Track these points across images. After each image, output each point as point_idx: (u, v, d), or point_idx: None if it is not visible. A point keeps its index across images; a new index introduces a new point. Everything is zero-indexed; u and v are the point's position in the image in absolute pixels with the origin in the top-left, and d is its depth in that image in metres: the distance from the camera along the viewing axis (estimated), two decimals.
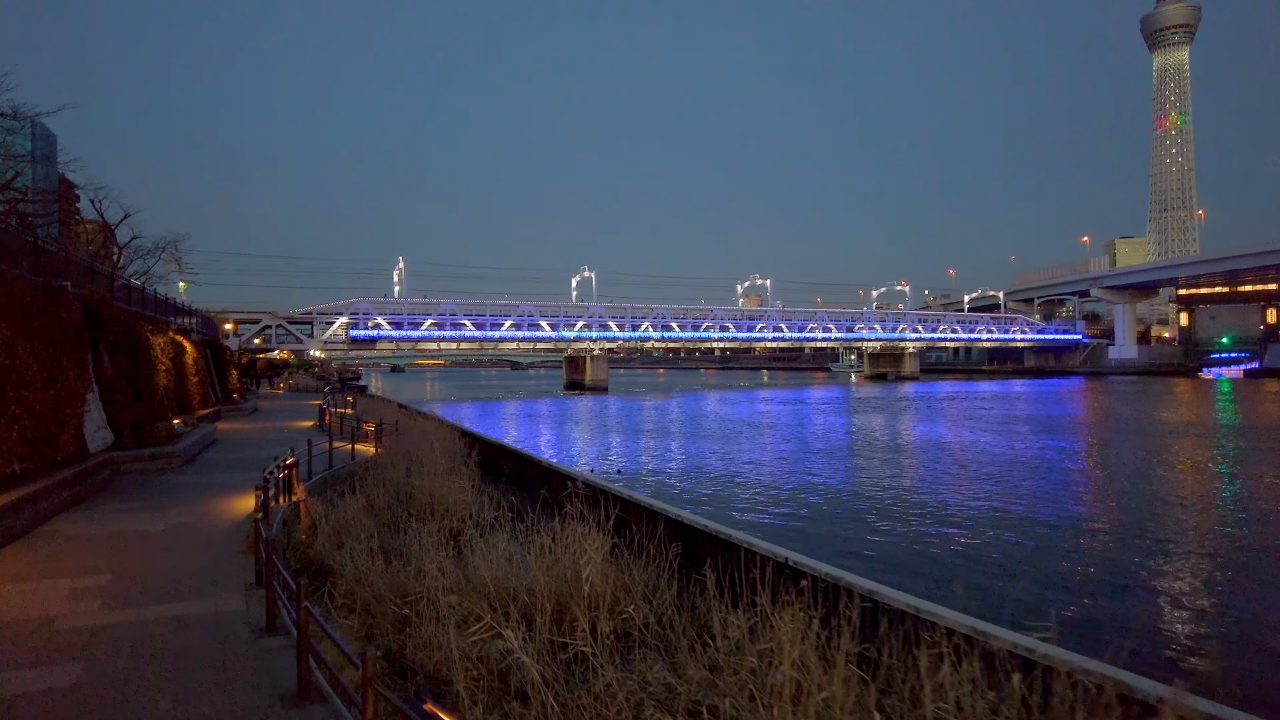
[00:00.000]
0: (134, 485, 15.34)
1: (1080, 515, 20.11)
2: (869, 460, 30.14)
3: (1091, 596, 13.36)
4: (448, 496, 14.57)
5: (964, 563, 15.19)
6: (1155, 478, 25.77)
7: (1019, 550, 16.39)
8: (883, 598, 7.07)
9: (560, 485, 13.73)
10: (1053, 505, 21.11)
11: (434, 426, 21.87)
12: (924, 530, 18.03)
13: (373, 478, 16.99)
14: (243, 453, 21.04)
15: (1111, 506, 21.21)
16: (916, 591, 7.89)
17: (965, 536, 17.47)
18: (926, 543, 16.91)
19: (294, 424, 31.15)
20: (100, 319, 17.99)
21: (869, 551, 16.06)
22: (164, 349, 23.62)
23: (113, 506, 13.04)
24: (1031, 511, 20.20)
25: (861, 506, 20.85)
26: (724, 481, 25.04)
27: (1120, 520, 19.21)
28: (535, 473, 16.99)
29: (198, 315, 42.19)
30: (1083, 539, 17.47)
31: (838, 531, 17.84)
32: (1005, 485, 24.12)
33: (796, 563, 8.27)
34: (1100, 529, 18.46)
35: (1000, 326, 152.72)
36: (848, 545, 16.52)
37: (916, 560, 15.40)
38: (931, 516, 19.53)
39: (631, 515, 11.60)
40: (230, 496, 14.24)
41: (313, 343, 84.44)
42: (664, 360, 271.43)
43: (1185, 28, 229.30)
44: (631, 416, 57.68)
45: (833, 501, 21.62)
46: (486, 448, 18.53)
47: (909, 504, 21.11)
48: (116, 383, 17.97)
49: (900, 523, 18.78)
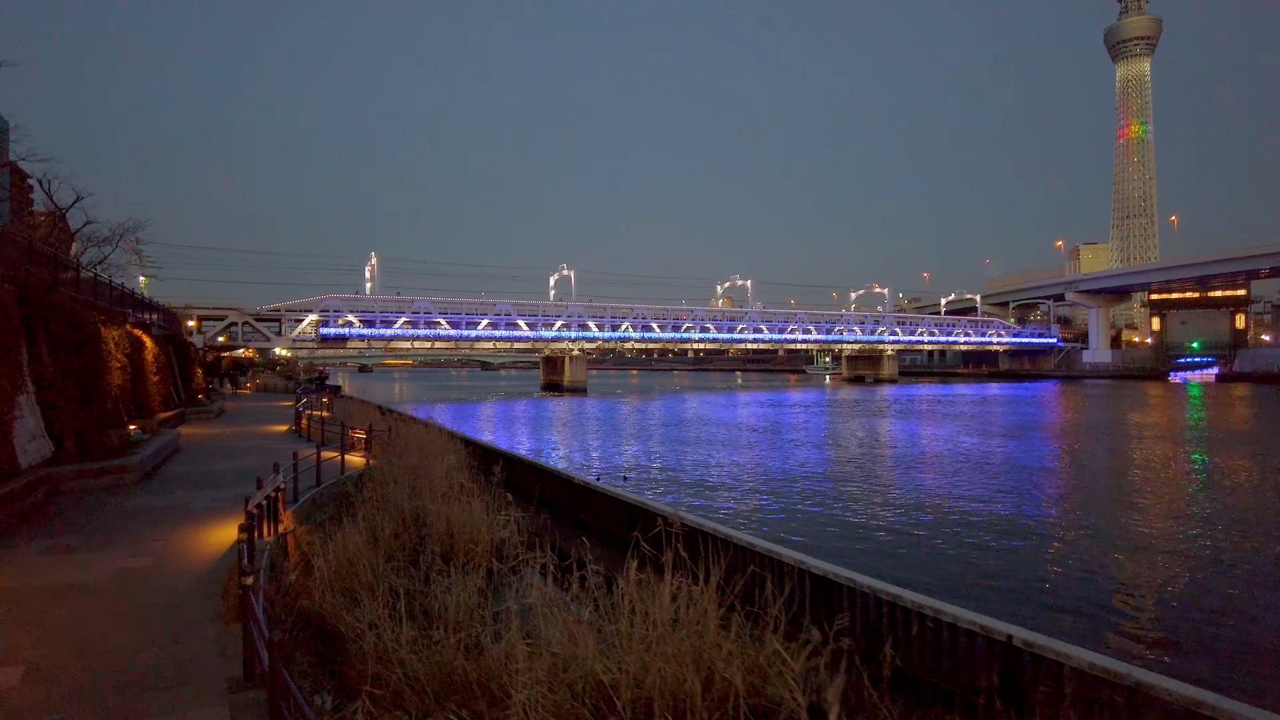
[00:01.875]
0: (76, 510, 12.42)
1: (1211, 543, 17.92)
2: (920, 473, 27.57)
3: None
4: (468, 525, 11.90)
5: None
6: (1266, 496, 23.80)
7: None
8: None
9: (635, 522, 11.10)
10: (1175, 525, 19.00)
11: (436, 435, 19.09)
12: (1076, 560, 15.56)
13: (370, 498, 14.26)
14: (211, 464, 18.10)
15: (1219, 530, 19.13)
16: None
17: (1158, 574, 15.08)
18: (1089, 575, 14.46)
19: (266, 428, 28.12)
20: (40, 306, 15.03)
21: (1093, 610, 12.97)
22: (119, 344, 20.57)
23: (42, 543, 10.14)
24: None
25: (982, 536, 17.64)
26: (772, 499, 22.27)
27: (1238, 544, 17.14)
28: (599, 506, 13.52)
29: (159, 309, 38.76)
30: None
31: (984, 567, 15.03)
32: (1097, 506, 21.95)
33: (1039, 647, 5.78)
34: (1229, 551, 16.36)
35: (977, 330, 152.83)
36: (1026, 591, 13.65)
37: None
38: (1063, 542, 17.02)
39: (747, 564, 8.95)
40: (199, 525, 11.44)
41: (281, 341, 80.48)
42: (636, 361, 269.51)
43: (1146, 39, 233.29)
44: (621, 420, 55.11)
45: (940, 530, 18.31)
46: (513, 464, 15.83)
47: (1020, 529, 18.44)
48: (58, 382, 15.01)
49: (1050, 557, 16.04)
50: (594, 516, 13.76)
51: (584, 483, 13.53)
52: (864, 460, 30.84)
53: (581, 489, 13.70)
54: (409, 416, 24.66)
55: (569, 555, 11.60)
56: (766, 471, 27.71)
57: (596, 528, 13.11)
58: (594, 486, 13.08)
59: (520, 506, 13.32)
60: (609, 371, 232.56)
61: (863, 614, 7.41)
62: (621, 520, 12.39)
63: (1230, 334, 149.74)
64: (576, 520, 13.94)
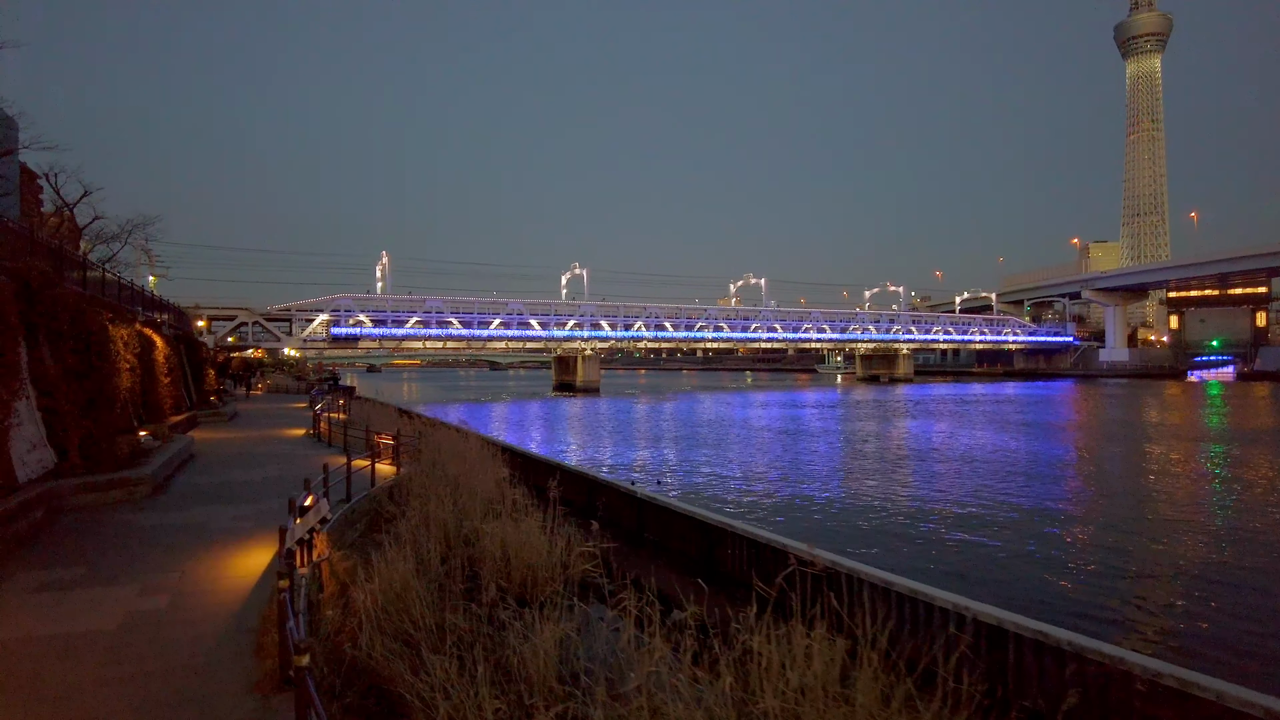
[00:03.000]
0: (80, 531, 10.97)
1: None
2: (1000, 483, 25.70)
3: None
4: (527, 549, 10.39)
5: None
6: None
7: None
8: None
9: (713, 545, 9.55)
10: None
11: (473, 443, 17.59)
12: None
13: (408, 514, 12.78)
14: (228, 474, 16.63)
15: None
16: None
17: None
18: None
19: (282, 432, 26.68)
20: (41, 301, 13.59)
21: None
22: (128, 343, 19.14)
23: (39, 575, 8.67)
24: None
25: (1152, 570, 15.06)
26: (840, 511, 20.28)
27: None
28: (676, 528, 11.68)
29: (170, 308, 37.41)
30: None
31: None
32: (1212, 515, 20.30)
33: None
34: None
35: (993, 328, 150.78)
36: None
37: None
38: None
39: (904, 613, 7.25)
40: (220, 550, 9.97)
41: (291, 341, 79.23)
42: (644, 361, 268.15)
43: (1157, 36, 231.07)
44: (642, 421, 53.57)
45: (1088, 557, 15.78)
46: (570, 479, 14.26)
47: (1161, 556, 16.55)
48: (62, 386, 13.56)
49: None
50: (657, 534, 12.23)
51: (667, 504, 11.86)
52: (922, 467, 29.18)
53: (663, 511, 12.00)
54: (437, 421, 23.18)
55: (641, 582, 10.12)
56: (826, 481, 26.06)
57: (671, 550, 11.58)
58: (676, 507, 11.52)
59: (578, 525, 11.82)
60: (617, 371, 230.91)
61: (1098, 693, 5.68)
62: (695, 541, 10.84)
63: (1251, 332, 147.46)
64: (638, 539, 12.42)
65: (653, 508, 12.08)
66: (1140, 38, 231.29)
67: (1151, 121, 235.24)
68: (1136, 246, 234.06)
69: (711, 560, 10.48)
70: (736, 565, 9.95)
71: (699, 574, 10.56)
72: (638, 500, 12.41)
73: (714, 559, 10.47)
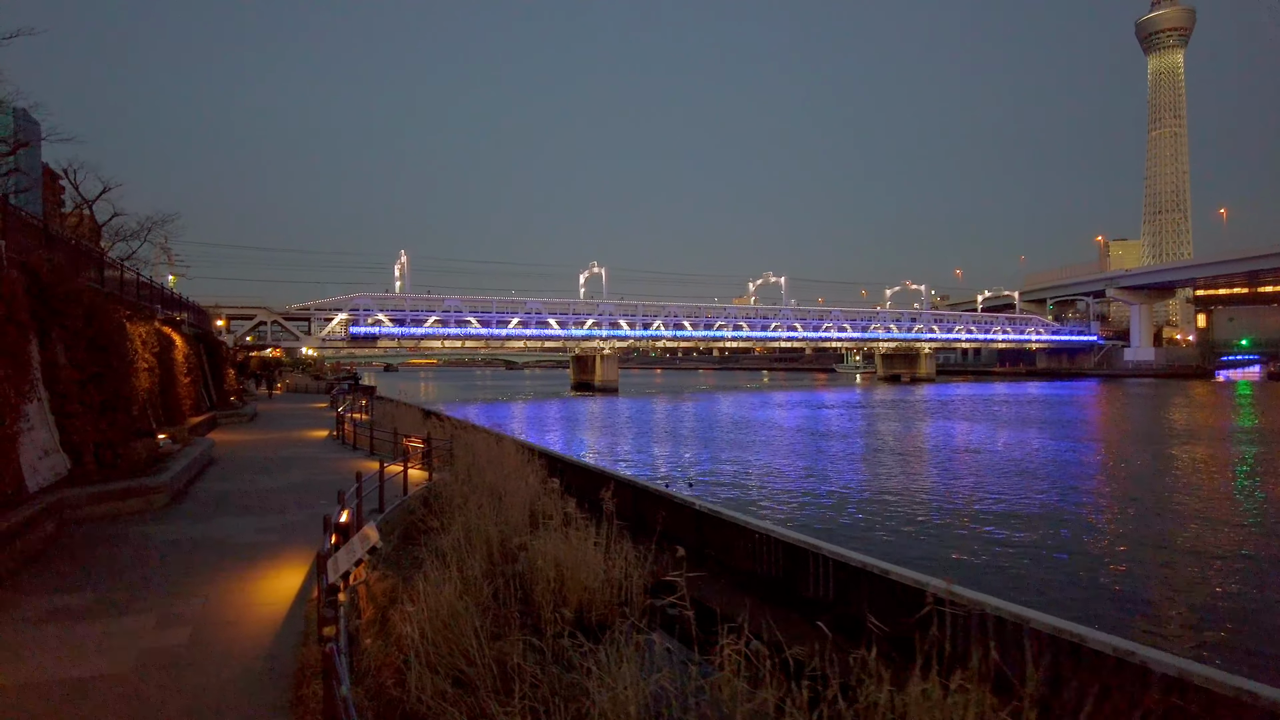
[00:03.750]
0: (93, 546, 10.04)
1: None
2: (1052, 489, 24.42)
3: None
4: (582, 569, 9.34)
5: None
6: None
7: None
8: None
9: (852, 585, 8.39)
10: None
11: (509, 448, 16.58)
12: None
13: (447, 526, 11.79)
14: (252, 480, 15.71)
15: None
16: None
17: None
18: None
19: (305, 433, 25.84)
20: (54, 297, 12.72)
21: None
22: (146, 341, 18.31)
23: (46, 601, 7.71)
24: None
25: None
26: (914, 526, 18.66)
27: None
28: (747, 545, 10.31)
29: (190, 307, 36.74)
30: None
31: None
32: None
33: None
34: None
35: (1015, 327, 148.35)
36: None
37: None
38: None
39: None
40: (246, 569, 9.00)
41: (310, 340, 78.82)
42: (660, 360, 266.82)
43: (1179, 30, 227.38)
44: (664, 421, 52.51)
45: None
46: (624, 490, 13.13)
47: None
48: (76, 387, 12.68)
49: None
50: (721, 551, 11.13)
51: (735, 519, 10.58)
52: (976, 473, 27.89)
53: (729, 527, 10.74)
54: (467, 423, 22.18)
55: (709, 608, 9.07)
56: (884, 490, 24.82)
57: (739, 570, 10.49)
58: (747, 524, 10.34)
59: (634, 541, 10.76)
60: (632, 370, 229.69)
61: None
62: (770, 562, 9.73)
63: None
64: (698, 555, 11.34)
65: (715, 522, 10.97)
66: (1162, 33, 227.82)
67: (1174, 117, 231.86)
68: (1158, 244, 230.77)
69: (792, 585, 9.39)
70: (823, 591, 8.87)
71: (773, 598, 9.51)
72: (698, 514, 11.31)
73: (795, 583, 9.37)
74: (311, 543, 10.29)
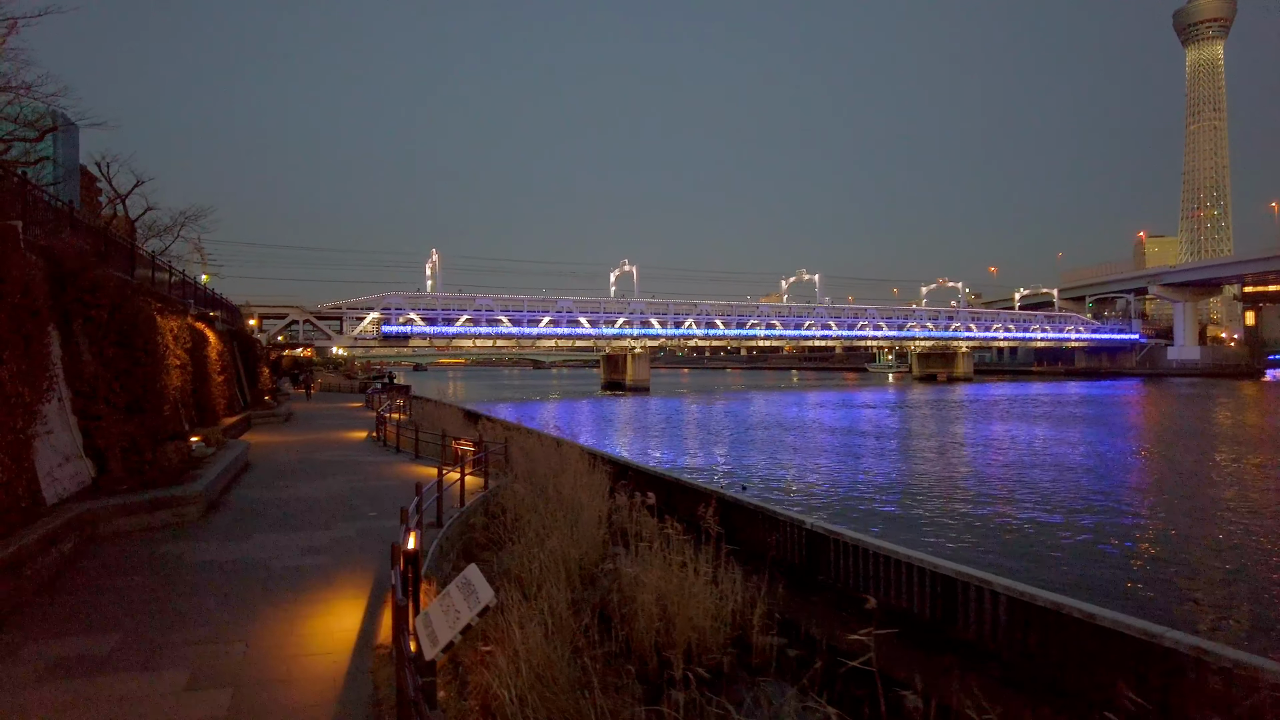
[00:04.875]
0: (116, 569, 8.68)
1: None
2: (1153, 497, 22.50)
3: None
4: (691, 603, 7.79)
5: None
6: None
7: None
8: None
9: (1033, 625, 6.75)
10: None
11: (571, 454, 15.07)
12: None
13: (511, 540, 10.32)
14: (292, 487, 14.38)
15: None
16: None
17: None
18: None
19: (343, 434, 24.60)
20: (78, 286, 11.46)
21: None
22: (178, 337, 17.10)
23: (56, 645, 6.27)
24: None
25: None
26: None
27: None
28: (867, 570, 8.87)
29: (224, 304, 35.81)
30: None
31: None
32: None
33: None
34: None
35: (1055, 325, 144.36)
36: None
37: None
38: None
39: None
40: (292, 601, 7.56)
41: (342, 339, 78.24)
42: (686, 360, 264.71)
43: (1219, 21, 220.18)
44: (703, 422, 50.86)
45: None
46: (728, 510, 11.42)
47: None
48: (101, 384, 11.40)
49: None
50: (836, 577, 9.53)
51: (860, 542, 8.72)
52: (1091, 486, 25.90)
53: (851, 550, 9.01)
54: (519, 426, 20.74)
55: (836, 647, 7.43)
56: (964, 497, 23.07)
57: (862, 599, 8.89)
58: (876, 547, 8.72)
59: (729, 561, 9.19)
60: (660, 370, 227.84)
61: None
62: (929, 600, 8.10)
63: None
64: (808, 581, 9.75)
65: (832, 544, 9.35)
66: (1201, 24, 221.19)
67: (1213, 110, 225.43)
68: (1196, 241, 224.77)
69: (942, 623, 7.77)
70: (986, 632, 7.26)
71: (911, 636, 7.91)
72: (808, 533, 9.69)
73: (946, 621, 7.75)
74: (366, 565, 8.88)
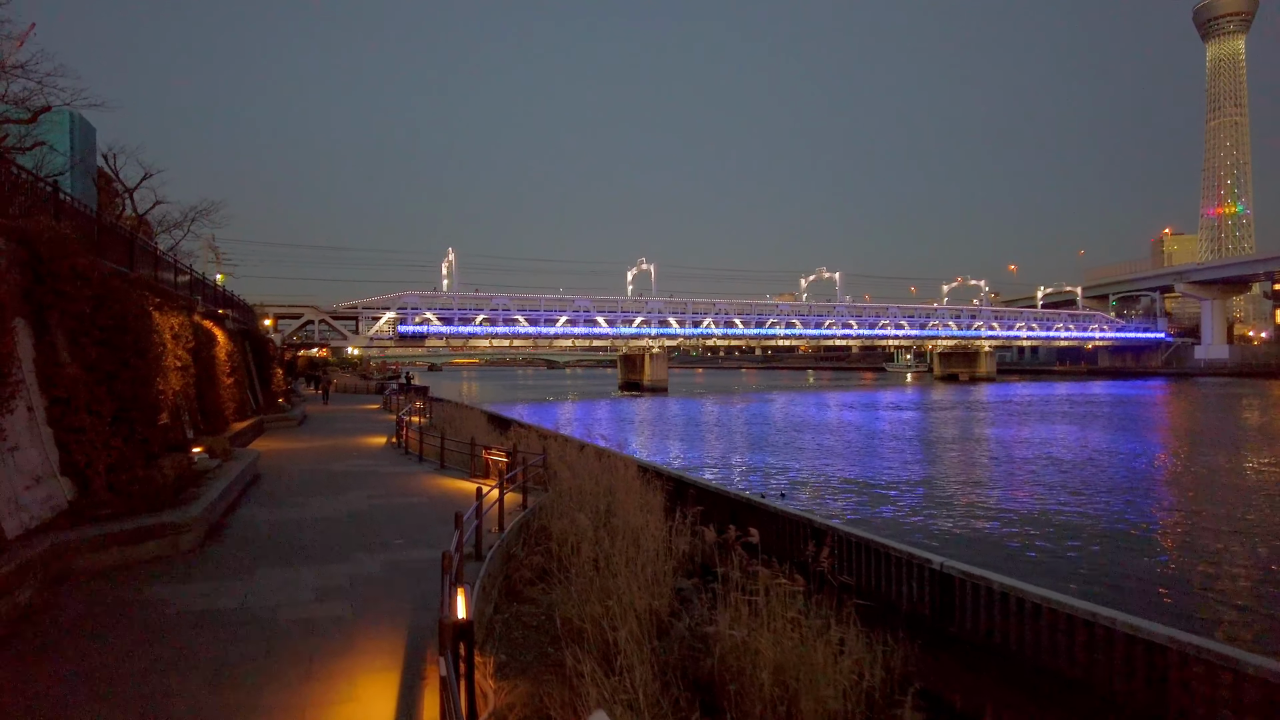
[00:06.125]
0: (82, 627, 6.94)
1: None
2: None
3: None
4: (816, 676, 6.03)
5: None
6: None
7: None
8: None
9: None
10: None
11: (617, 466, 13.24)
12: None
13: (563, 579, 8.54)
14: (304, 505, 12.66)
15: None
16: None
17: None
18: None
19: (360, 440, 22.93)
20: (55, 274, 9.80)
21: None
22: (179, 335, 15.46)
23: None
24: None
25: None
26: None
27: None
28: (1021, 620, 7.07)
29: (237, 303, 34.31)
30: None
31: None
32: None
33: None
34: None
35: (1078, 324, 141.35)
36: None
37: None
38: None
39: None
40: (307, 674, 5.81)
41: (357, 339, 76.92)
42: (700, 359, 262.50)
43: (1240, 15, 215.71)
44: (727, 423, 48.98)
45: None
46: (841, 542, 9.48)
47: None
48: (83, 390, 9.73)
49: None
50: (980, 630, 7.69)
51: (1013, 589, 6.87)
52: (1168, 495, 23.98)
53: (1001, 598, 7.10)
54: (554, 433, 18.94)
55: None
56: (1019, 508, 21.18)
57: (1018, 656, 7.02)
58: (1035, 596, 6.86)
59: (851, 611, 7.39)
60: (674, 369, 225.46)
61: None
62: (1105, 662, 6.26)
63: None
64: (939, 633, 7.92)
65: (972, 590, 7.47)
66: (1222, 18, 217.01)
67: (1234, 105, 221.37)
68: (1217, 238, 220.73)
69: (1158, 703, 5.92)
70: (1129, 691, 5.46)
71: (1056, 697, 6.09)
72: (942, 576, 7.81)
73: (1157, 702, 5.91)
74: (395, 617, 7.13)
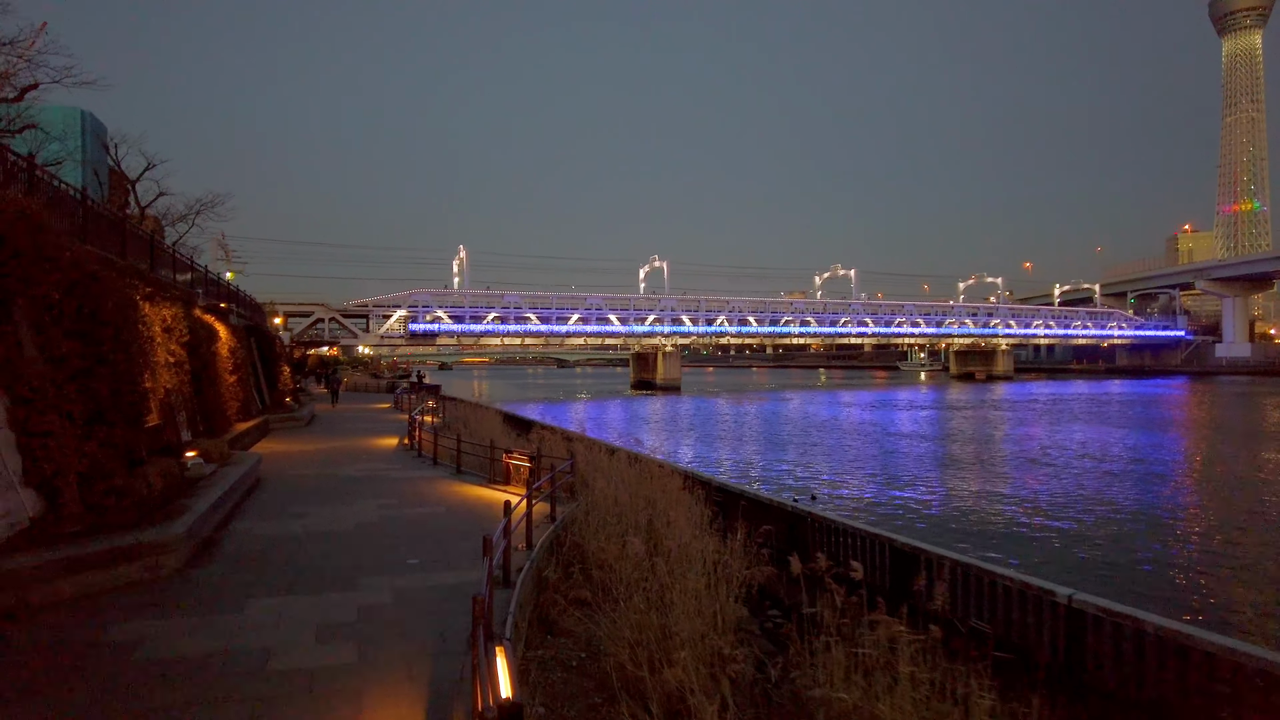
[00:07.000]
0: (30, 683, 5.63)
1: None
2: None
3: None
4: None
5: None
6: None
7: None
8: None
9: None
10: None
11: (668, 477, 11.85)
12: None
13: (606, 606, 7.20)
14: (307, 516, 11.35)
15: None
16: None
17: None
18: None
19: (370, 442, 21.68)
20: (18, 254, 8.51)
21: None
22: (171, 328, 14.19)
23: None
24: None
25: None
26: None
27: None
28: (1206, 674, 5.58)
29: (243, 298, 33.11)
30: None
31: None
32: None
33: None
34: None
35: (1097, 322, 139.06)
36: None
37: None
38: None
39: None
40: None
41: (368, 338, 75.94)
42: (710, 358, 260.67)
43: (1257, 10, 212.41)
44: (743, 422, 47.56)
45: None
46: (966, 578, 7.91)
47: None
48: (50, 388, 8.44)
49: None
50: (1125, 679, 6.29)
51: (1165, 628, 5.48)
52: None
53: (1154, 642, 5.65)
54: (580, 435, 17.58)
55: None
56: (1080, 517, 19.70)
57: None
58: (1207, 642, 5.48)
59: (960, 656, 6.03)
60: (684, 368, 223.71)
61: None
62: None
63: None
64: (1066, 681, 6.51)
65: (1112, 629, 6.07)
66: (1238, 13, 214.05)
67: (1251, 101, 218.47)
68: (1233, 235, 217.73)
69: None
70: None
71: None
72: (1072, 612, 6.39)
73: None
74: (413, 664, 5.79)
